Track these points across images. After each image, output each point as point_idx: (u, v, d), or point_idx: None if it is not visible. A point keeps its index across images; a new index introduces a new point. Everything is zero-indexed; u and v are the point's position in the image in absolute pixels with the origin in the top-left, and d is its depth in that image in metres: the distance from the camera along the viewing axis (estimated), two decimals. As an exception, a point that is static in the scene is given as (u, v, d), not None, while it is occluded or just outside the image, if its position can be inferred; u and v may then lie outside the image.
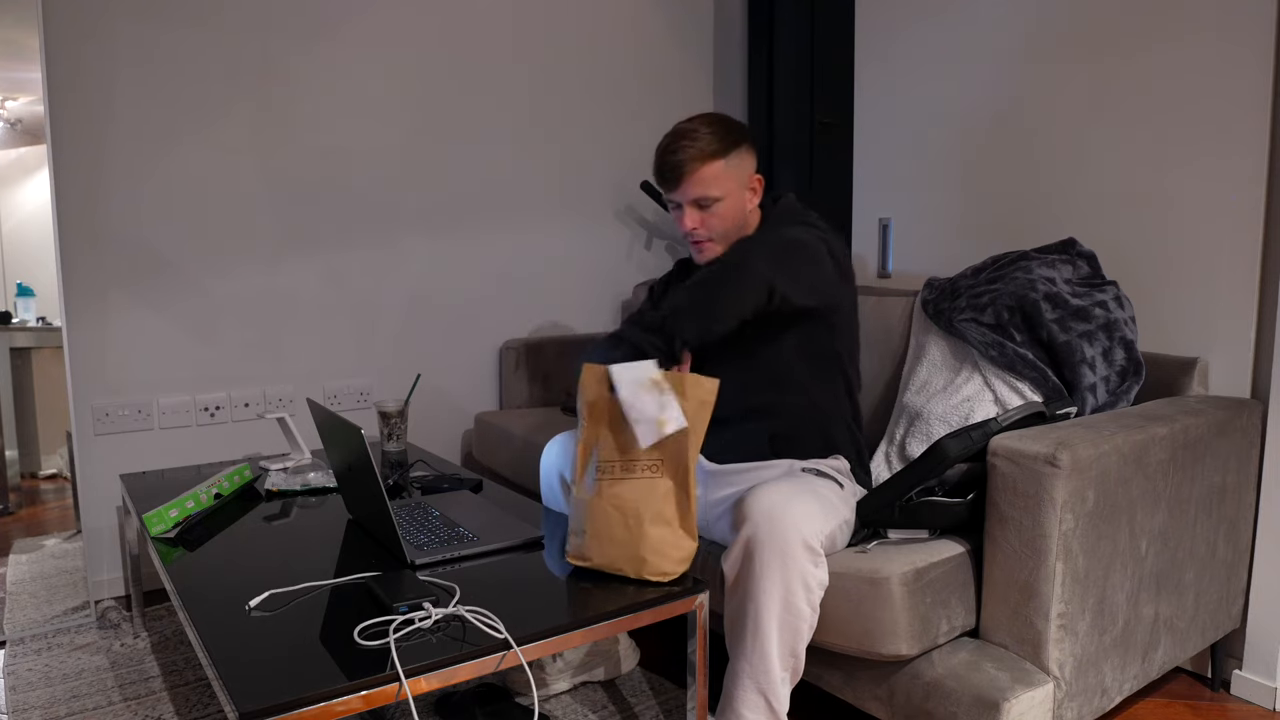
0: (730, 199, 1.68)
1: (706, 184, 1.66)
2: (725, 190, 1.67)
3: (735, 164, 1.67)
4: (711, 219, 1.69)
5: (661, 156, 1.68)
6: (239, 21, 2.44)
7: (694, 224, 1.69)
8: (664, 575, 1.45)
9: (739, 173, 1.69)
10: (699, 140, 1.65)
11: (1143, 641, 1.65)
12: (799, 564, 1.43)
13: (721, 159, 1.65)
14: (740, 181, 1.69)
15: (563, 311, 3.09)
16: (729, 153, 1.66)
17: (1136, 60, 1.97)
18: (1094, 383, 1.77)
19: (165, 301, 2.42)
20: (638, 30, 3.13)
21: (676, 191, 1.68)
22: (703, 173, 1.65)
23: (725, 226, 1.70)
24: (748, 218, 1.74)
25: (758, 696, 1.48)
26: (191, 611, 1.36)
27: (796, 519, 1.44)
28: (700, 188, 1.66)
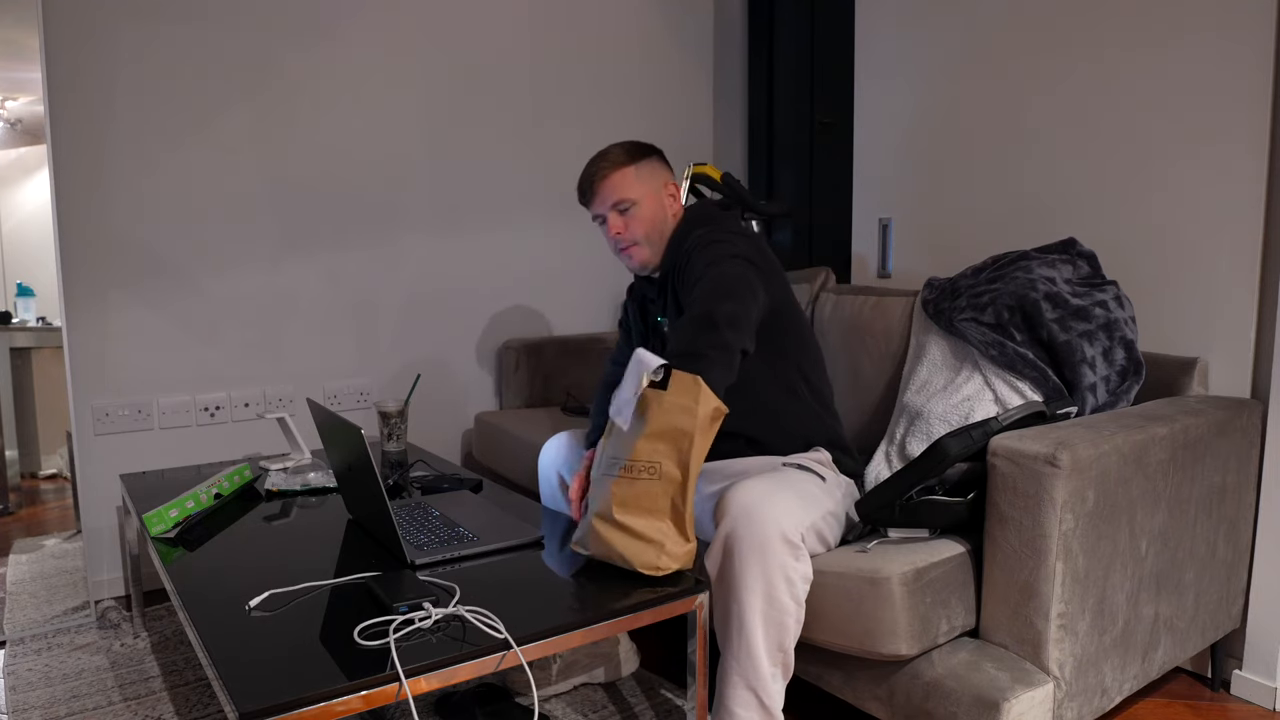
0: (646, 202, 1.81)
1: (619, 188, 1.80)
2: (639, 194, 1.80)
3: (646, 171, 1.82)
4: (632, 223, 1.81)
5: (580, 179, 1.84)
6: (239, 21, 2.44)
7: (617, 229, 1.81)
8: (656, 570, 1.46)
9: (651, 179, 1.82)
10: (609, 155, 1.82)
11: (1143, 641, 1.65)
12: (778, 558, 1.44)
13: (631, 165, 1.81)
14: (653, 187, 1.83)
15: (563, 311, 3.09)
16: (637, 161, 1.81)
17: (1137, 60, 1.97)
18: (1094, 382, 1.77)
19: (165, 301, 2.42)
20: (638, 30, 3.13)
21: (595, 202, 1.83)
22: (613, 179, 1.80)
23: (646, 229, 1.81)
24: (668, 220, 1.85)
25: (748, 693, 1.49)
26: (191, 611, 1.36)
27: (774, 513, 1.45)
28: (615, 192, 1.80)
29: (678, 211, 1.87)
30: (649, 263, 1.85)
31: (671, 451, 1.47)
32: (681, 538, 1.47)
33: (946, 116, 2.38)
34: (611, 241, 1.84)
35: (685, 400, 1.47)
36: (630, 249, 1.83)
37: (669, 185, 1.86)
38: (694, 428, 1.46)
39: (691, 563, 1.50)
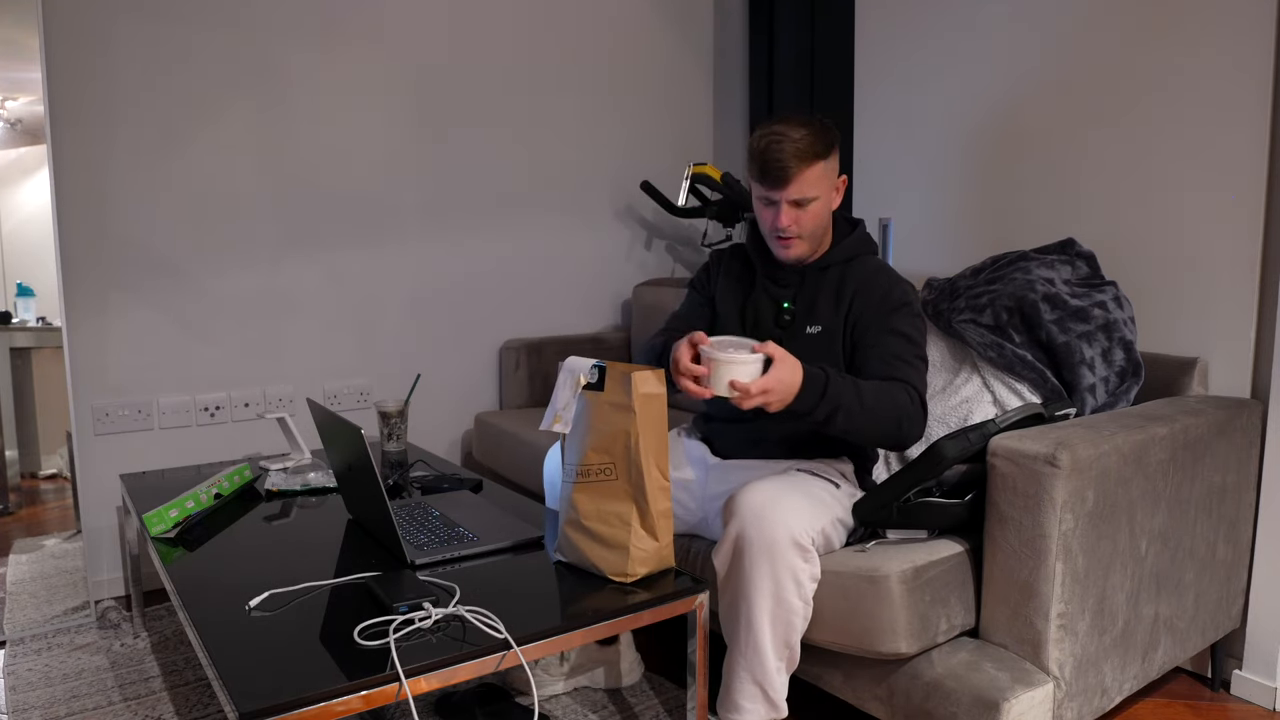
0: (823, 199, 1.70)
1: (809, 185, 1.66)
2: (821, 191, 1.68)
3: (831, 167, 1.70)
4: (805, 218, 1.69)
5: (764, 154, 1.66)
6: (239, 21, 2.44)
7: (789, 222, 1.68)
8: (624, 576, 1.46)
9: (832, 175, 1.72)
10: (802, 141, 1.65)
11: (1143, 641, 1.65)
12: (788, 560, 1.45)
13: (822, 160, 1.67)
14: (832, 183, 1.72)
15: (563, 311, 3.09)
16: (828, 155, 1.68)
17: (1137, 60, 1.97)
18: (1093, 383, 1.77)
19: (165, 301, 2.42)
20: (638, 30, 3.13)
21: (780, 191, 1.67)
22: (806, 174, 1.65)
23: (815, 225, 1.70)
24: (830, 219, 1.76)
25: (754, 687, 1.51)
26: (191, 611, 1.36)
27: (785, 516, 1.45)
28: (803, 188, 1.66)
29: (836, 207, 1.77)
30: (803, 258, 1.74)
31: (620, 449, 1.47)
32: (650, 537, 1.47)
33: (946, 116, 2.38)
34: (771, 228, 1.71)
35: (619, 397, 1.46)
36: (791, 241, 1.71)
37: (840, 180, 1.75)
38: (633, 421, 1.45)
39: (670, 560, 1.50)
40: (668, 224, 3.27)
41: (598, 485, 1.49)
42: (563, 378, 1.53)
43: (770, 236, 1.73)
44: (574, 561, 1.52)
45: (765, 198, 1.70)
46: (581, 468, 1.50)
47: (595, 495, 1.49)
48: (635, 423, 1.44)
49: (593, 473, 1.49)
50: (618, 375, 1.47)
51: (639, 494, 1.45)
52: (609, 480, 1.48)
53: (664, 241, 3.27)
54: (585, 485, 1.50)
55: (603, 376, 1.49)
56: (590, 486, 1.49)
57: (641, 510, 1.46)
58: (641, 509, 1.46)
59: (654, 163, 3.21)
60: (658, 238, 3.25)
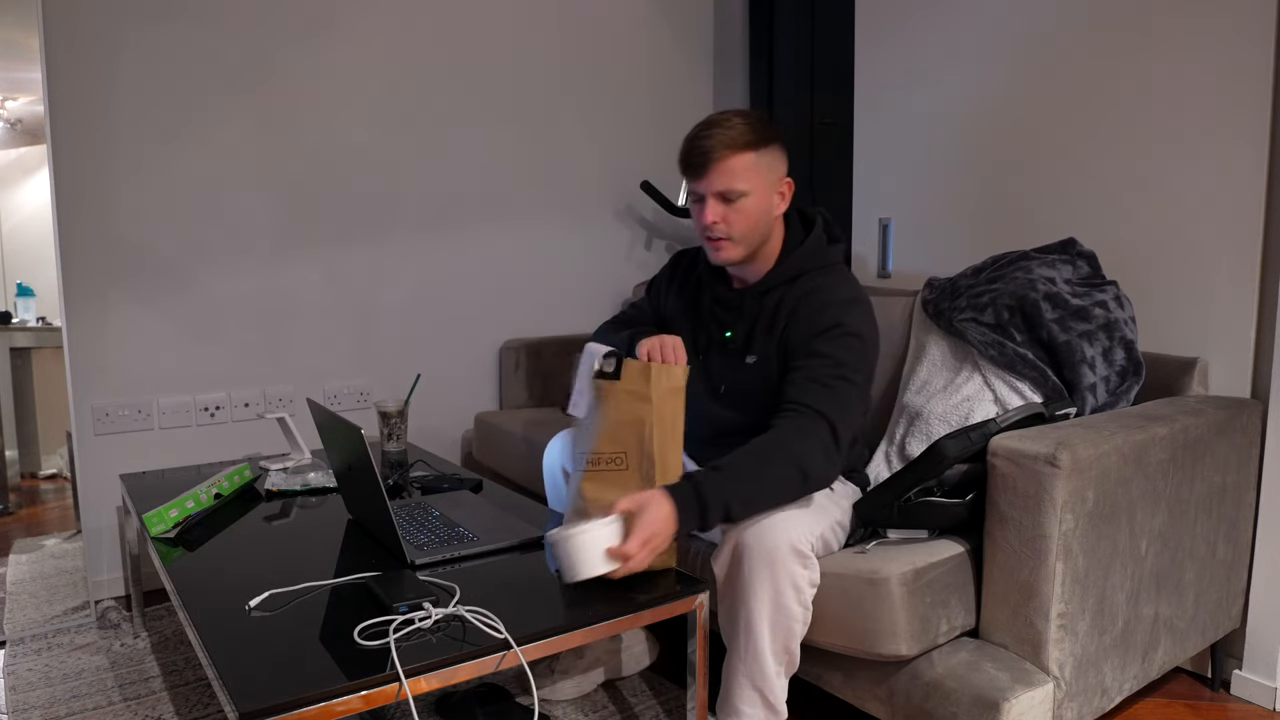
0: (756, 196, 1.57)
1: (734, 175, 1.55)
2: (752, 185, 1.56)
3: (766, 161, 1.57)
4: (734, 215, 1.58)
5: (690, 143, 1.58)
6: (239, 21, 2.44)
7: (715, 218, 1.58)
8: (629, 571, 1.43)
9: (769, 172, 1.59)
10: (731, 129, 1.55)
11: (1143, 641, 1.65)
12: (787, 568, 1.44)
13: (753, 151, 1.55)
14: (769, 181, 1.59)
15: (563, 311, 3.09)
16: (761, 147, 1.56)
17: (1137, 60, 1.97)
18: (1094, 382, 1.77)
19: (165, 301, 2.42)
20: (638, 30, 3.13)
21: (701, 181, 1.57)
22: (731, 162, 1.54)
23: (747, 226, 1.59)
24: (772, 225, 1.64)
25: (754, 692, 1.50)
26: (191, 611, 1.36)
27: (783, 523, 1.45)
28: (727, 178, 1.55)
29: (779, 218, 1.65)
30: (733, 261, 1.64)
31: (634, 440, 1.45)
32: None
33: (946, 116, 2.38)
34: (701, 227, 1.61)
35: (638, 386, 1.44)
36: (721, 242, 1.60)
37: (784, 182, 1.62)
38: (650, 412, 1.43)
39: (672, 555, 1.49)
40: (668, 224, 3.27)
41: (607, 474, 1.46)
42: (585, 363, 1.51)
43: (702, 239, 1.63)
44: None
45: (693, 193, 1.61)
46: (593, 456, 1.48)
47: (604, 484, 1.47)
48: (652, 414, 1.42)
49: (603, 461, 1.46)
50: (638, 366, 1.45)
51: (649, 486, 1.44)
52: (619, 470, 1.45)
53: (664, 241, 3.27)
54: (595, 474, 1.48)
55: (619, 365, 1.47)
56: (600, 475, 1.47)
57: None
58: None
59: (654, 163, 3.21)
60: (658, 238, 3.25)
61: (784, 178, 1.63)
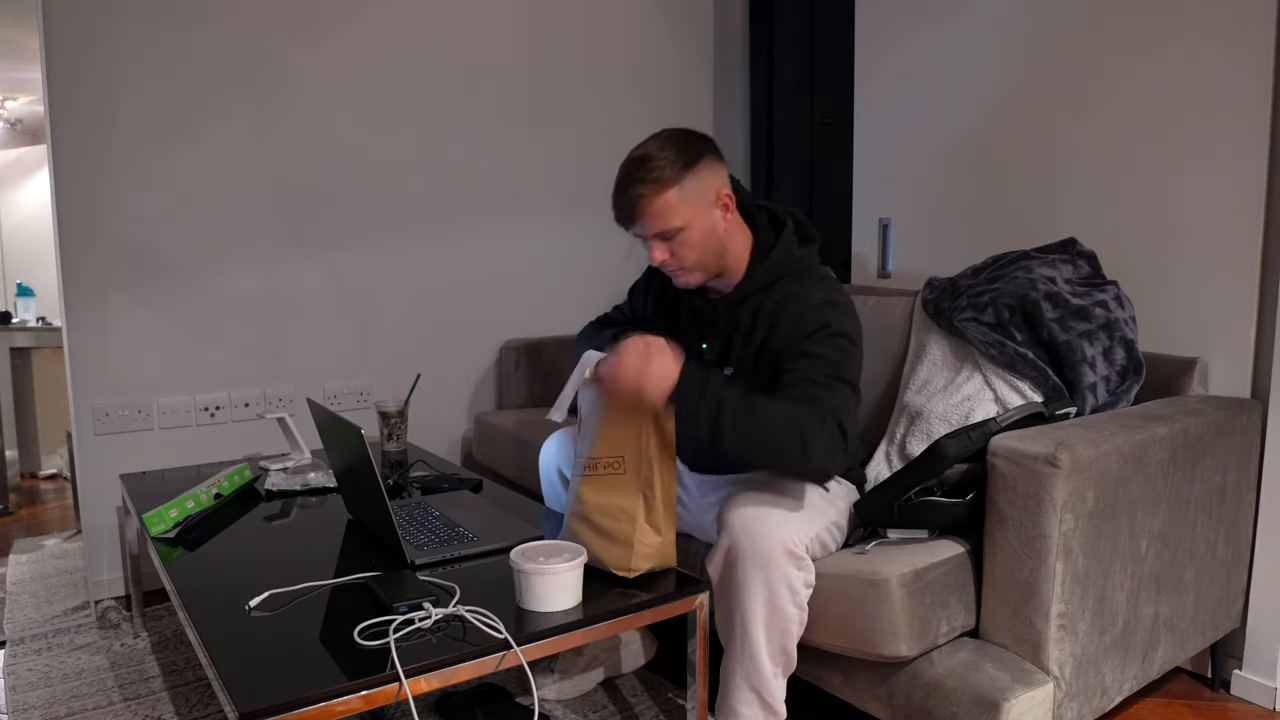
0: (695, 226, 1.53)
1: (664, 217, 1.52)
2: (686, 219, 1.52)
3: (693, 188, 1.52)
4: (681, 249, 1.55)
5: (615, 193, 1.56)
6: (239, 21, 2.44)
7: (663, 256, 1.56)
8: (628, 571, 1.45)
9: (699, 198, 1.53)
10: (649, 171, 1.51)
11: (1143, 641, 1.65)
12: (781, 570, 1.44)
13: (674, 186, 1.50)
14: (702, 205, 1.54)
15: (563, 311, 3.09)
16: (682, 177, 1.51)
17: (1137, 60, 1.97)
18: (1094, 382, 1.77)
19: (165, 301, 2.42)
20: (638, 30, 3.13)
21: (634, 228, 1.57)
22: (656, 206, 1.51)
23: (697, 255, 1.56)
24: (724, 238, 1.59)
25: (751, 693, 1.51)
26: (191, 611, 1.36)
27: (777, 526, 1.45)
28: (659, 222, 1.52)
29: (732, 225, 1.60)
30: (699, 284, 1.63)
31: (631, 443, 1.46)
32: (654, 532, 1.46)
33: (946, 116, 2.38)
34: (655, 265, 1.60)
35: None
36: (678, 273, 1.60)
37: (721, 194, 1.56)
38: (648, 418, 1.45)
39: (671, 557, 1.49)
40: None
41: (605, 479, 1.48)
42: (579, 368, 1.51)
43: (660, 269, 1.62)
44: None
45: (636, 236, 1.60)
46: (590, 460, 1.50)
47: (602, 488, 1.48)
48: (649, 418, 1.44)
49: (601, 466, 1.48)
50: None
51: (647, 489, 1.45)
52: (617, 474, 1.47)
53: (664, 241, 3.27)
54: (593, 478, 1.49)
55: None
56: (598, 480, 1.49)
57: (648, 505, 1.45)
58: (649, 503, 1.45)
59: (654, 163, 3.21)
60: (658, 238, 3.25)
61: (720, 192, 1.57)
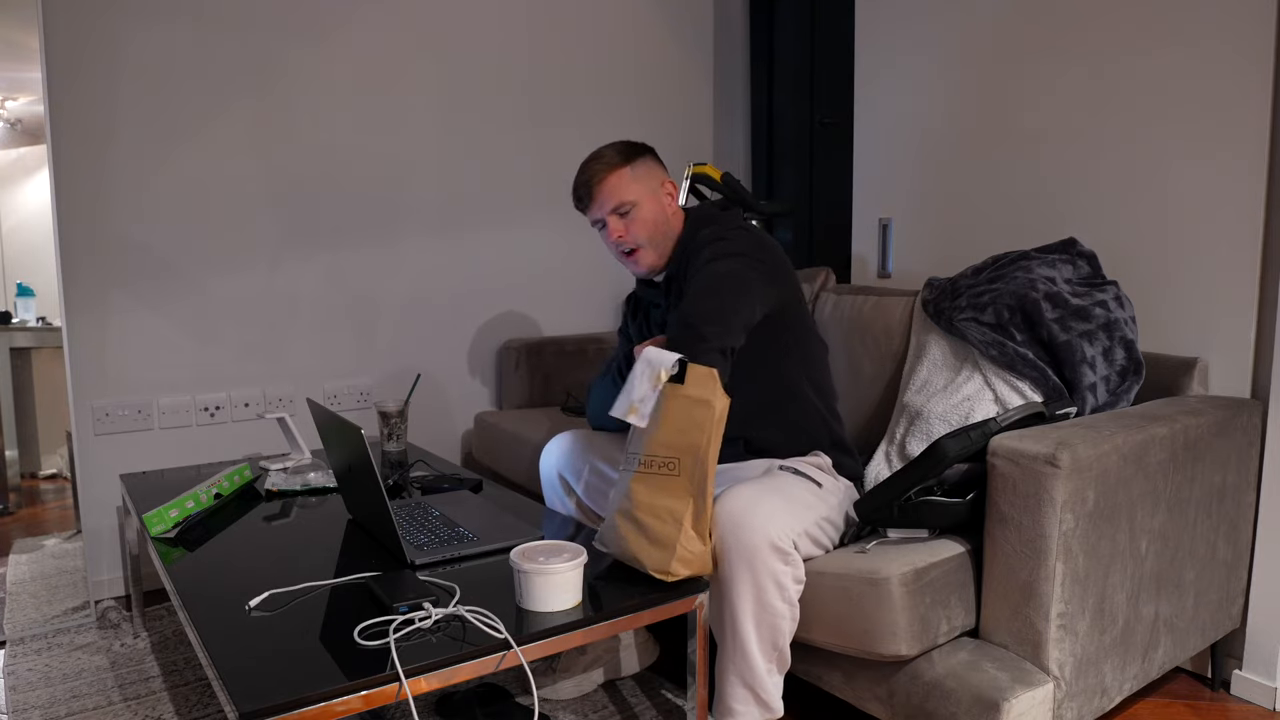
0: (646, 203, 1.77)
1: (616, 191, 1.76)
2: (637, 195, 1.77)
3: (642, 171, 1.78)
4: (634, 225, 1.77)
5: (575, 184, 1.80)
6: (239, 21, 2.44)
7: (619, 232, 1.78)
8: (667, 575, 1.44)
9: (647, 179, 1.79)
10: (602, 157, 1.78)
11: (1143, 641, 1.65)
12: (768, 565, 1.45)
13: (626, 166, 1.77)
14: (650, 187, 1.79)
15: (563, 311, 3.09)
16: (632, 161, 1.78)
17: (1137, 60, 1.97)
18: (1094, 382, 1.77)
19: (165, 302, 2.42)
20: (638, 30, 3.13)
21: (593, 207, 1.79)
22: (610, 181, 1.76)
23: (649, 231, 1.78)
24: (670, 220, 1.81)
25: (745, 690, 1.52)
26: (191, 611, 1.36)
27: (762, 521, 1.45)
28: (613, 195, 1.76)
29: (677, 211, 1.84)
30: (655, 266, 1.82)
31: (689, 446, 1.45)
32: (699, 540, 1.45)
33: (946, 116, 2.38)
34: (613, 246, 1.80)
35: (703, 393, 1.45)
36: (635, 253, 1.80)
37: (666, 184, 1.82)
38: (712, 421, 1.44)
39: (708, 565, 1.48)
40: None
41: (658, 478, 1.47)
42: (640, 368, 1.50)
43: (619, 258, 1.82)
44: (614, 553, 1.50)
45: (595, 221, 1.81)
46: (646, 458, 1.48)
47: (653, 488, 1.46)
48: (713, 421, 1.43)
49: (656, 464, 1.47)
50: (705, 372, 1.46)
51: (699, 494, 1.44)
52: (670, 475, 1.46)
53: (664, 241, 3.27)
54: (646, 476, 1.48)
55: (684, 370, 1.48)
56: (650, 478, 1.47)
57: (697, 510, 1.44)
58: (698, 509, 1.44)
59: (654, 163, 3.21)
60: (658, 238, 3.25)
61: (665, 180, 1.83)
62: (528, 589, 1.34)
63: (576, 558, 1.36)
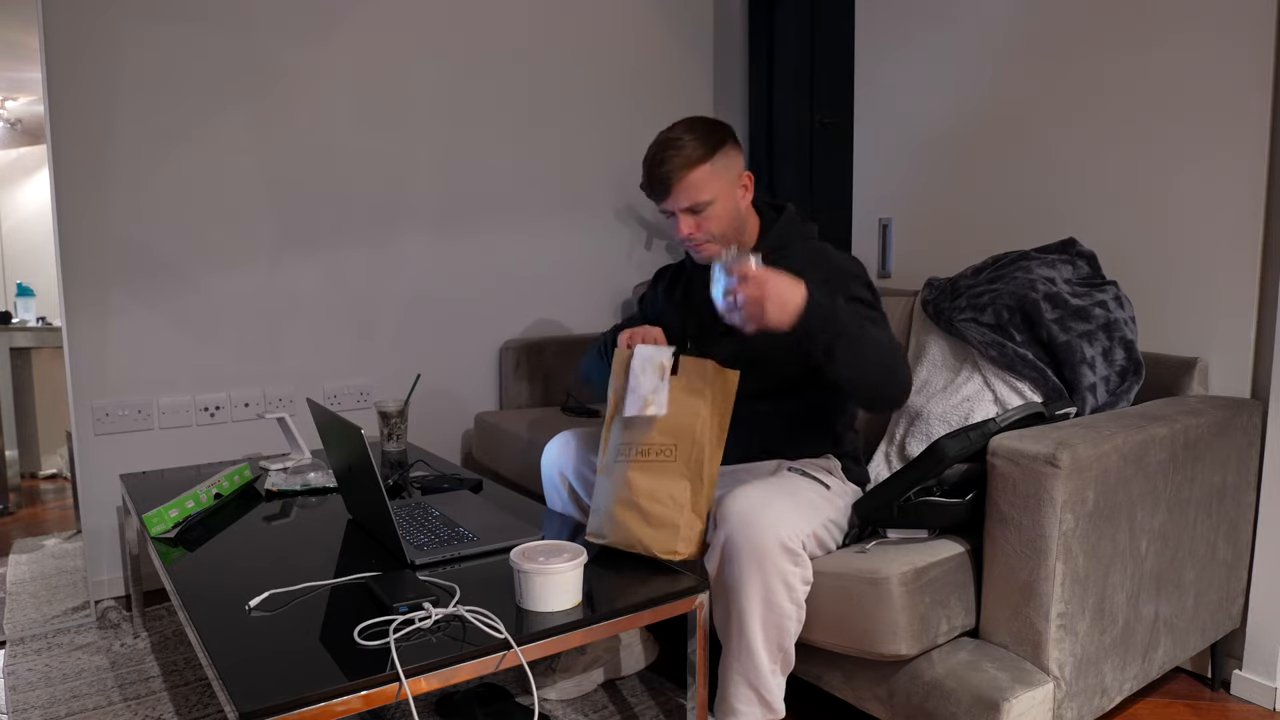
0: (721, 200, 1.67)
1: (695, 190, 1.64)
2: (715, 193, 1.66)
3: (721, 165, 1.66)
4: (706, 222, 1.68)
5: (648, 170, 1.68)
6: (239, 21, 2.44)
7: (690, 230, 1.68)
8: (673, 554, 1.51)
9: (726, 173, 1.67)
10: (683, 148, 1.64)
11: (1143, 641, 1.65)
12: (777, 565, 1.45)
13: (706, 163, 1.64)
14: (729, 181, 1.68)
15: (563, 311, 3.09)
16: (713, 155, 1.65)
17: (1137, 60, 1.97)
18: (1094, 383, 1.77)
19: (165, 301, 2.42)
20: (638, 30, 3.13)
21: (667, 201, 1.68)
22: (689, 179, 1.64)
23: (721, 228, 1.69)
24: (744, 216, 1.73)
25: (749, 690, 1.52)
26: (191, 611, 1.36)
27: (772, 521, 1.46)
28: (690, 195, 1.65)
29: (748, 206, 1.75)
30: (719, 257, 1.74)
31: (685, 431, 1.53)
32: (697, 519, 1.53)
33: (946, 116, 2.38)
34: (680, 239, 1.72)
35: (695, 383, 1.54)
36: (702, 245, 1.71)
37: (742, 175, 1.71)
38: (705, 406, 1.52)
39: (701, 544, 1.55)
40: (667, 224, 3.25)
41: (656, 465, 1.54)
42: (639, 365, 1.57)
43: (683, 246, 1.76)
44: (616, 542, 1.55)
45: (664, 211, 1.71)
46: (642, 447, 1.55)
47: (652, 474, 1.54)
48: (706, 408, 1.52)
49: (653, 452, 1.54)
50: (693, 362, 1.55)
51: (695, 477, 1.51)
52: (667, 461, 1.53)
53: (664, 241, 3.27)
54: (644, 464, 1.55)
55: (677, 362, 1.56)
56: (649, 465, 1.54)
57: (695, 492, 1.51)
58: (695, 490, 1.51)
59: (654, 163, 3.21)
60: (658, 238, 3.25)
61: (742, 173, 1.71)
62: (528, 589, 1.34)
63: (576, 558, 1.36)
